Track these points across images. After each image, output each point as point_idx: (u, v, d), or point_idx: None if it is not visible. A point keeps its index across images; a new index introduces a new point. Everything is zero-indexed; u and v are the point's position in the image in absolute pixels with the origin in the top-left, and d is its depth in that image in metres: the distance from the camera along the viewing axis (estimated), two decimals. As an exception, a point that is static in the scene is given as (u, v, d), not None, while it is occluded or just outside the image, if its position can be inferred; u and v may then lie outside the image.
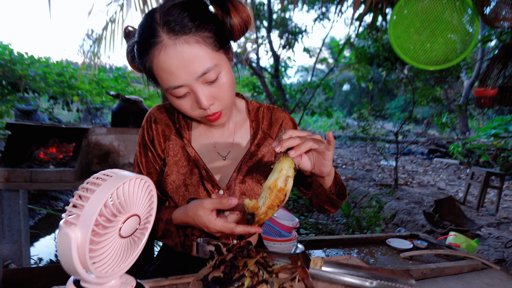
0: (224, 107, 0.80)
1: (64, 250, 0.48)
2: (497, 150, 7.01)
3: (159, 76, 0.75)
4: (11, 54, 5.75)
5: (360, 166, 7.70)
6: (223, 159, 0.92)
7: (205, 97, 0.75)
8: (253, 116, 0.95)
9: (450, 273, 0.99)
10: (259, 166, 0.92)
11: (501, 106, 2.86)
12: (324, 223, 4.23)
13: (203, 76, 0.73)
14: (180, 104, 0.78)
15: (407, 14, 1.83)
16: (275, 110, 0.97)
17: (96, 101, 7.94)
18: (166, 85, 0.74)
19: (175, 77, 0.72)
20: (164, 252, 1.00)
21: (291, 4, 4.83)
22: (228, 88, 0.78)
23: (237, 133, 0.94)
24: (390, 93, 18.34)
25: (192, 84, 0.73)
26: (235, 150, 0.93)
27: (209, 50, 0.73)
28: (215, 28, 0.74)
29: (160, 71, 0.73)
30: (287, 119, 0.96)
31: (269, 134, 0.94)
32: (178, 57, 0.70)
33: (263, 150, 0.93)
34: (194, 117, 0.81)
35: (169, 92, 0.76)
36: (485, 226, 3.80)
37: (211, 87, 0.76)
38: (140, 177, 0.56)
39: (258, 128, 0.94)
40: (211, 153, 0.92)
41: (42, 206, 4.50)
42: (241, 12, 0.75)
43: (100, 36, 3.54)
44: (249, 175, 0.91)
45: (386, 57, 5.60)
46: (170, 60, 0.71)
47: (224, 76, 0.76)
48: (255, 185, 0.91)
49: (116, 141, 2.33)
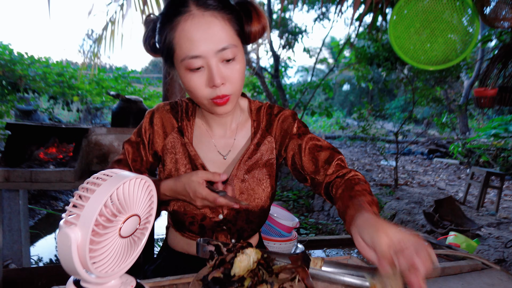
0: (233, 92, 0.80)
1: (64, 250, 0.48)
2: (497, 150, 7.01)
3: (179, 45, 0.75)
4: (11, 54, 5.75)
5: (360, 166, 7.70)
6: (223, 158, 0.92)
7: (219, 74, 0.76)
8: (255, 115, 0.95)
9: (450, 273, 0.99)
10: (258, 166, 0.92)
11: (501, 106, 2.86)
12: (324, 223, 4.23)
13: (222, 52, 0.75)
14: (191, 79, 0.77)
15: (407, 14, 1.83)
16: (275, 108, 0.96)
17: (96, 101, 7.94)
18: (184, 54, 0.75)
19: (196, 46, 0.74)
20: (165, 252, 1.00)
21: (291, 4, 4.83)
22: (240, 74, 0.79)
23: (239, 133, 0.94)
24: (390, 93, 18.35)
25: (210, 57, 0.75)
26: (235, 149, 0.93)
27: (232, 31, 0.77)
28: (238, 19, 0.78)
29: (182, 39, 0.75)
30: (288, 115, 0.94)
31: (268, 132, 0.94)
32: (203, 27, 0.73)
33: (262, 148, 0.93)
34: (202, 97, 0.80)
35: (184, 64, 0.76)
36: (485, 226, 3.80)
37: (225, 67, 0.77)
38: (140, 177, 0.56)
39: (258, 127, 0.94)
40: (212, 152, 0.92)
41: (42, 206, 4.50)
42: (262, 19, 0.81)
43: (100, 36, 3.54)
44: (249, 174, 0.91)
45: (386, 57, 5.60)
46: (195, 29, 0.73)
47: (239, 62, 0.79)
48: (255, 185, 0.91)
49: (116, 141, 2.33)
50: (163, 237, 3.53)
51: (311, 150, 0.88)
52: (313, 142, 0.89)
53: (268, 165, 0.93)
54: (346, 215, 0.70)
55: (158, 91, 8.86)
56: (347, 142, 12.08)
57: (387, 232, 0.55)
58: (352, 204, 0.70)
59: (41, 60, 6.50)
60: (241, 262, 0.64)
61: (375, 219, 0.60)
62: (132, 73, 9.04)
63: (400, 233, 0.55)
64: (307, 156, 0.87)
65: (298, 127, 0.91)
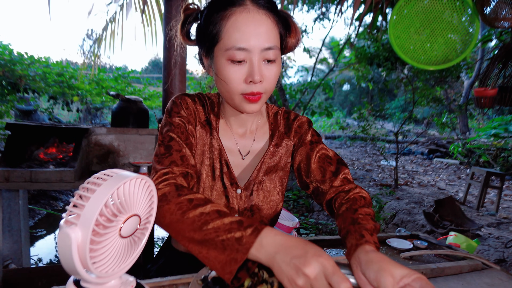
0: (266, 91, 0.81)
1: (64, 250, 0.48)
2: (497, 150, 7.01)
3: (228, 34, 0.76)
4: (11, 54, 5.75)
5: (360, 166, 7.70)
6: (242, 158, 0.93)
7: (259, 71, 0.77)
8: (272, 118, 0.97)
9: (450, 273, 0.99)
10: (276, 169, 0.93)
11: (501, 106, 2.86)
12: (324, 223, 4.23)
13: (267, 51, 0.77)
14: (231, 70, 0.77)
15: (407, 14, 1.83)
16: (292, 113, 0.99)
17: (96, 101, 7.94)
18: (231, 44, 0.75)
19: (246, 39, 0.75)
20: (168, 251, 1.00)
21: (291, 4, 4.83)
22: (275, 77, 0.81)
23: (258, 135, 0.95)
24: (390, 93, 18.35)
25: (255, 53, 0.76)
26: (254, 151, 0.94)
27: (278, 34, 0.80)
28: (282, 26, 0.81)
29: (233, 28, 0.75)
30: (304, 121, 0.97)
31: (286, 135, 0.96)
32: (256, 23, 0.75)
33: (281, 151, 0.95)
34: (236, 91, 0.79)
35: (228, 53, 0.76)
36: (485, 226, 3.80)
37: (265, 66, 0.78)
38: (141, 177, 0.56)
39: (276, 130, 0.96)
40: (233, 150, 0.92)
41: (42, 206, 4.50)
42: (298, 34, 0.85)
43: (100, 36, 3.55)
44: (267, 177, 0.92)
45: (386, 57, 5.60)
46: (249, 22, 0.75)
47: (277, 64, 0.80)
48: (272, 188, 0.92)
49: (116, 141, 2.33)
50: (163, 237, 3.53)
51: (321, 159, 0.88)
52: (324, 152, 0.90)
53: (285, 168, 0.95)
54: (347, 240, 0.69)
55: (158, 91, 8.86)
56: (347, 142, 12.09)
57: (392, 272, 0.56)
58: (353, 230, 0.69)
59: (41, 60, 6.50)
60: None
61: (379, 257, 0.59)
62: (132, 73, 9.05)
63: (404, 271, 0.56)
64: (316, 164, 0.88)
65: (312, 135, 0.93)
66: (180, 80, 2.57)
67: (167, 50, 2.60)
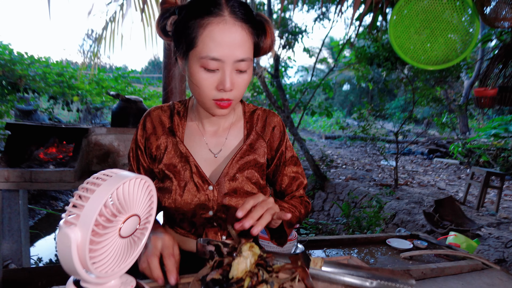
0: (235, 99, 0.85)
1: (64, 250, 0.48)
2: (497, 150, 7.01)
3: (203, 43, 0.78)
4: (11, 54, 5.74)
5: (360, 166, 7.70)
6: (214, 156, 0.94)
7: (230, 81, 0.80)
8: (248, 117, 0.99)
9: (450, 273, 0.99)
10: (250, 166, 0.94)
11: (501, 106, 2.86)
12: (324, 223, 4.23)
13: (240, 62, 0.79)
14: (203, 77, 0.80)
15: (407, 14, 1.83)
16: (270, 113, 1.01)
17: (96, 101, 7.94)
18: (205, 53, 0.77)
19: (220, 50, 0.77)
20: None
21: (291, 4, 4.83)
22: (246, 85, 0.85)
23: (231, 133, 0.97)
24: (390, 93, 18.33)
25: (228, 64, 0.79)
26: (227, 148, 0.95)
27: (251, 45, 0.83)
28: (256, 34, 0.84)
29: (209, 38, 0.77)
30: (279, 124, 1.00)
31: (262, 136, 0.98)
32: (232, 35, 0.77)
33: (256, 151, 0.96)
34: (207, 97, 0.83)
35: (202, 61, 0.79)
36: (485, 226, 3.80)
37: (237, 76, 0.82)
38: (140, 177, 0.56)
39: (251, 129, 0.97)
40: (203, 150, 0.94)
41: (42, 206, 4.50)
42: (273, 36, 0.87)
43: (100, 36, 3.54)
44: (240, 173, 0.93)
45: (386, 57, 5.59)
46: (224, 34, 0.77)
47: (248, 73, 0.84)
48: (245, 183, 0.93)
49: (116, 141, 2.33)
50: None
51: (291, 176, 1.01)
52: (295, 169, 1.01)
53: (260, 167, 0.97)
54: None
55: (158, 91, 8.87)
56: (347, 142, 12.09)
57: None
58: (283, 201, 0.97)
59: (41, 60, 6.49)
60: (239, 264, 0.64)
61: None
62: (132, 73, 9.04)
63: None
64: (288, 177, 1.01)
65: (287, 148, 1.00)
66: (180, 80, 2.57)
67: (167, 50, 2.60)
